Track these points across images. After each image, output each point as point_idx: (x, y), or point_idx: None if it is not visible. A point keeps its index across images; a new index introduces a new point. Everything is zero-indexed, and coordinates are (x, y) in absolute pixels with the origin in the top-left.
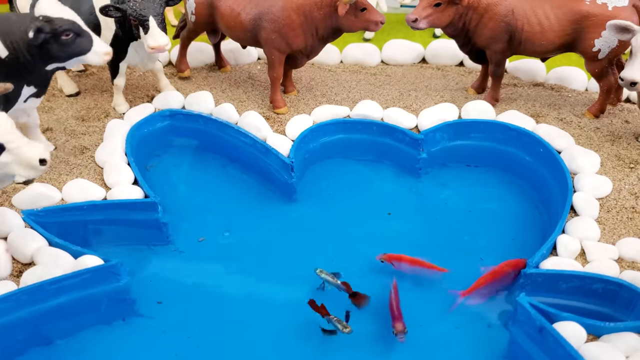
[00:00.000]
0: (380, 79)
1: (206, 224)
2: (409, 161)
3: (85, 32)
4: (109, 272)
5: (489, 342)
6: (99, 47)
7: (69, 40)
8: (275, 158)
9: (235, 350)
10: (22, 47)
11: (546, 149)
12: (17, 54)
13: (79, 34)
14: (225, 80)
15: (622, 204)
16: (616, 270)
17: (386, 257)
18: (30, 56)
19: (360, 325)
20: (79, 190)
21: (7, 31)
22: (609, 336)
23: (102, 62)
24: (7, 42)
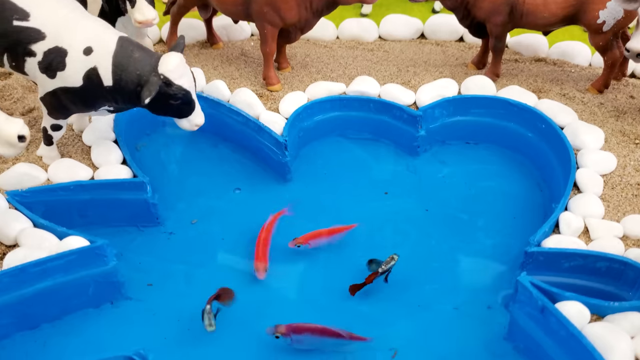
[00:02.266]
0: (378, 55)
1: (198, 204)
2: (406, 139)
3: (193, 102)
4: (95, 253)
5: (488, 323)
6: (195, 118)
7: (174, 105)
8: (268, 136)
9: (227, 332)
10: (126, 87)
11: (548, 125)
12: (118, 90)
13: (186, 103)
14: (217, 57)
15: (627, 180)
16: (621, 248)
17: (302, 239)
18: (128, 96)
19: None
20: (65, 170)
21: (123, 66)
22: (613, 316)
23: (190, 129)
24: (117, 75)
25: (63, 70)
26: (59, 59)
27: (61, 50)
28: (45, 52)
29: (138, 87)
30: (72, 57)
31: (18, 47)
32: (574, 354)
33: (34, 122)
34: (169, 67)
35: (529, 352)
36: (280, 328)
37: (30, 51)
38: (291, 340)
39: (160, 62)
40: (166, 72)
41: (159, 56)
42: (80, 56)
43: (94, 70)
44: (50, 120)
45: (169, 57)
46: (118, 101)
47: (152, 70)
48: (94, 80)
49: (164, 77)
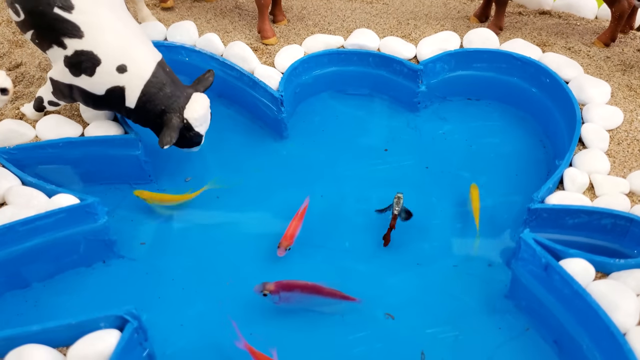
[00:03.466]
0: (377, 7)
1: (191, 162)
2: (407, 94)
3: (202, 141)
4: (85, 211)
5: (489, 281)
6: (196, 147)
7: (184, 142)
8: (263, 92)
9: (222, 291)
10: (146, 115)
11: (553, 79)
12: (136, 113)
13: (196, 143)
14: (211, 10)
15: (633, 135)
16: (627, 205)
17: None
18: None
19: (359, 263)
20: (54, 127)
21: (151, 97)
22: (618, 273)
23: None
24: (142, 103)
25: (90, 76)
26: (89, 65)
27: (94, 58)
28: (78, 51)
29: (158, 119)
30: (104, 69)
31: (50, 33)
32: (578, 312)
33: (21, 78)
34: (195, 115)
35: (531, 310)
36: (268, 285)
37: (61, 42)
38: (279, 298)
39: (188, 106)
40: (191, 119)
41: (188, 95)
42: (113, 71)
43: (121, 90)
44: (51, 97)
45: (197, 103)
46: (130, 118)
47: (178, 111)
48: (116, 96)
49: (187, 123)
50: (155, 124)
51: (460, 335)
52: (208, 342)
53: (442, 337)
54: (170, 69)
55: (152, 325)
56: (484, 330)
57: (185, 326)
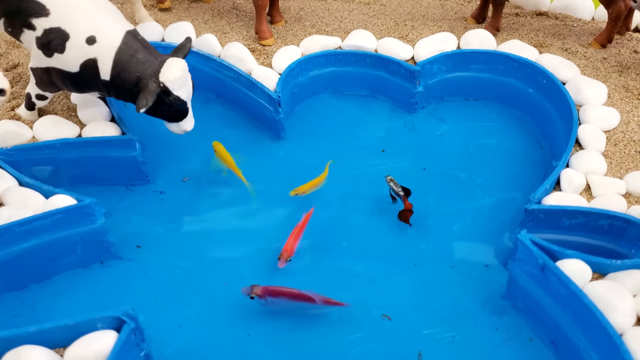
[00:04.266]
0: (375, 8)
1: (189, 163)
2: (404, 95)
3: (187, 111)
4: (82, 212)
5: (486, 282)
6: (185, 124)
7: (167, 110)
8: (261, 93)
9: (220, 291)
10: (122, 85)
11: (550, 80)
12: (114, 86)
13: (180, 111)
14: (208, 11)
15: (630, 136)
16: (623, 206)
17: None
18: (121, 92)
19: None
20: (51, 128)
21: (124, 65)
22: (615, 274)
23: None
24: (116, 72)
25: (61, 53)
26: (59, 41)
27: (63, 33)
28: (46, 29)
29: (135, 88)
30: (74, 43)
31: (18, 16)
32: (575, 312)
33: (18, 79)
34: (171, 77)
35: (528, 310)
36: (255, 289)
37: (30, 24)
38: (265, 302)
39: (163, 70)
40: (167, 82)
41: (163, 60)
42: (82, 44)
43: (93, 62)
44: (36, 90)
45: (172, 65)
46: (111, 94)
47: (153, 76)
48: (91, 70)
49: (164, 86)
50: (134, 94)
51: (458, 336)
52: (205, 342)
53: (440, 337)
54: (144, 38)
55: (150, 326)
56: (481, 331)
57: (182, 327)
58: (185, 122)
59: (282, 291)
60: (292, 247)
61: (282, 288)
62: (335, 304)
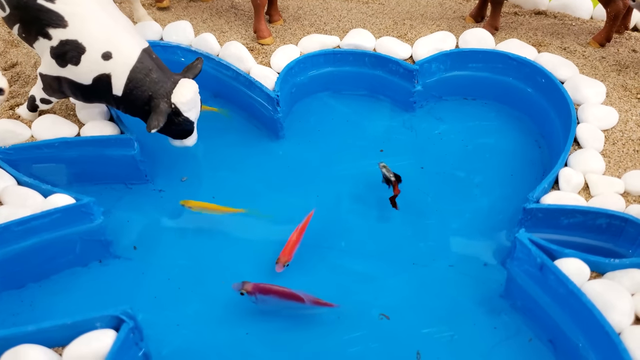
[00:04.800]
0: (373, 7)
1: (187, 162)
2: (402, 94)
3: (193, 130)
4: (80, 211)
5: (485, 281)
6: (188, 141)
7: (173, 129)
8: (259, 92)
9: (218, 290)
10: (134, 102)
11: (548, 79)
12: (125, 101)
13: (186, 131)
14: (207, 10)
15: (628, 135)
16: (622, 205)
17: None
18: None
19: (354, 262)
20: (49, 127)
21: (138, 83)
22: (613, 273)
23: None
24: (128, 90)
25: (76, 65)
26: (75, 54)
27: (79, 46)
28: (63, 41)
29: (146, 106)
30: (89, 57)
31: (35, 25)
32: (573, 311)
33: (16, 78)
34: (183, 100)
35: (526, 309)
36: (246, 285)
37: (46, 33)
38: (256, 299)
39: (175, 91)
40: (178, 104)
41: (175, 81)
42: (98, 59)
43: (107, 77)
44: (42, 94)
45: (184, 87)
46: (120, 108)
47: (165, 96)
48: (103, 85)
49: (175, 107)
50: (144, 112)
51: (456, 335)
52: (204, 341)
53: (438, 336)
54: (157, 56)
55: (148, 325)
56: (480, 330)
57: (181, 326)
58: (189, 138)
59: (272, 289)
60: (290, 252)
61: (273, 286)
62: (325, 305)
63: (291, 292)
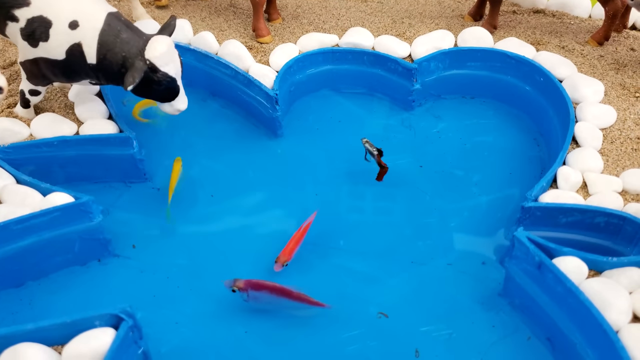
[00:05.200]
0: (372, 5)
1: (186, 160)
2: (401, 93)
3: (177, 88)
4: (80, 210)
5: (483, 279)
6: (178, 103)
7: (158, 89)
8: (258, 90)
9: (217, 289)
10: (110, 67)
11: (547, 78)
12: (101, 69)
13: (170, 89)
14: (205, 9)
15: (626, 134)
16: (620, 203)
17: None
18: (110, 76)
19: (353, 260)
20: (48, 125)
21: (108, 46)
22: (611, 271)
23: (172, 114)
24: (101, 54)
25: (46, 41)
26: (43, 29)
27: (46, 21)
28: (29, 19)
29: (122, 69)
30: (57, 29)
31: (1, 10)
32: (571, 309)
33: (15, 76)
34: (156, 53)
35: (525, 308)
36: (238, 282)
37: (12, 16)
38: (247, 296)
39: (148, 47)
40: (152, 58)
41: (147, 39)
42: (65, 29)
43: (78, 46)
44: (29, 85)
45: (156, 42)
46: (100, 79)
47: (139, 54)
48: (77, 55)
49: (150, 63)
50: (122, 76)
51: (454, 333)
52: (203, 340)
53: (436, 335)
54: (127, 19)
55: (147, 324)
56: (478, 328)
57: (180, 324)
58: (178, 101)
59: (264, 285)
60: (290, 252)
61: (264, 282)
62: (316, 304)
63: (283, 288)
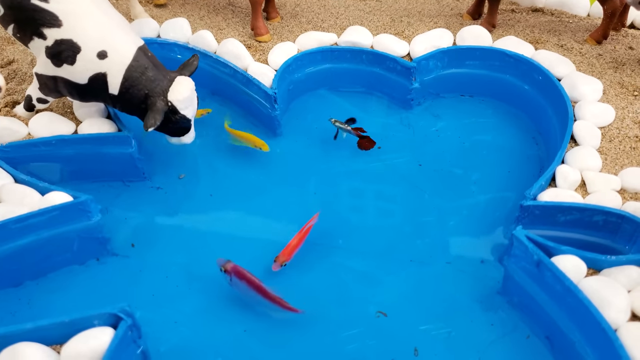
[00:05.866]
0: (370, 4)
1: (185, 159)
2: (400, 92)
3: (190, 127)
4: (78, 209)
5: (482, 278)
6: (186, 138)
7: (171, 127)
8: (257, 89)
9: (216, 288)
10: (130, 101)
11: (545, 76)
12: (121, 100)
13: (183, 128)
14: (204, 7)
15: (625, 132)
16: (618, 202)
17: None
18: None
19: (352, 259)
20: (47, 125)
21: (133, 82)
22: (610, 270)
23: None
24: (125, 88)
25: (71, 65)
26: (70, 53)
27: (74, 46)
28: (57, 40)
29: (142, 105)
30: (84, 56)
31: (29, 25)
32: (570, 308)
33: (13, 75)
34: (180, 97)
35: (524, 306)
36: (227, 265)
37: (41, 33)
38: (230, 281)
39: (172, 89)
40: (175, 101)
41: (171, 79)
42: (93, 58)
43: (103, 76)
44: (39, 94)
45: (181, 85)
46: (116, 107)
47: (162, 94)
48: (99, 84)
49: (171, 105)
50: (140, 110)
51: (453, 332)
52: (202, 339)
53: (435, 333)
54: (153, 54)
55: (146, 323)
56: (477, 327)
57: (179, 323)
58: (187, 136)
59: (246, 277)
60: (290, 253)
61: (249, 274)
62: (289, 309)
63: (261, 286)
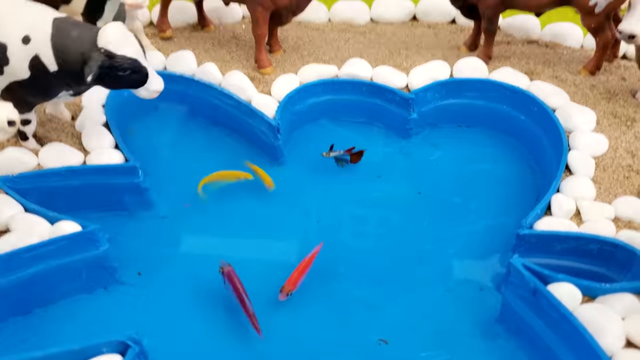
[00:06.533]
0: (370, 37)
1: (190, 188)
2: (399, 122)
3: (144, 69)
4: (87, 238)
5: (480, 305)
6: (152, 84)
7: (124, 76)
8: (260, 120)
9: (223, 315)
10: (72, 69)
11: (540, 107)
12: (65, 73)
13: (136, 72)
14: (209, 40)
15: (618, 162)
16: (612, 230)
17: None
18: (78, 78)
19: (352, 287)
20: (56, 155)
21: (63, 48)
22: (604, 297)
23: (151, 97)
24: (60, 59)
25: (8, 64)
26: (1, 55)
27: (1, 45)
28: None
29: (84, 65)
30: (13, 49)
31: None
32: (566, 335)
33: None
34: (109, 39)
35: (521, 333)
36: (226, 268)
37: None
38: (224, 283)
39: (99, 36)
40: (106, 45)
41: (98, 29)
42: (20, 46)
43: (37, 59)
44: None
45: (106, 28)
46: (71, 84)
47: (93, 46)
48: (39, 68)
49: (105, 50)
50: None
51: (454, 359)
52: None
53: None
54: (75, 19)
55: (154, 350)
56: (476, 354)
57: (186, 350)
58: (151, 82)
59: (234, 284)
60: (295, 282)
61: (238, 283)
62: (255, 328)
63: (242, 298)
